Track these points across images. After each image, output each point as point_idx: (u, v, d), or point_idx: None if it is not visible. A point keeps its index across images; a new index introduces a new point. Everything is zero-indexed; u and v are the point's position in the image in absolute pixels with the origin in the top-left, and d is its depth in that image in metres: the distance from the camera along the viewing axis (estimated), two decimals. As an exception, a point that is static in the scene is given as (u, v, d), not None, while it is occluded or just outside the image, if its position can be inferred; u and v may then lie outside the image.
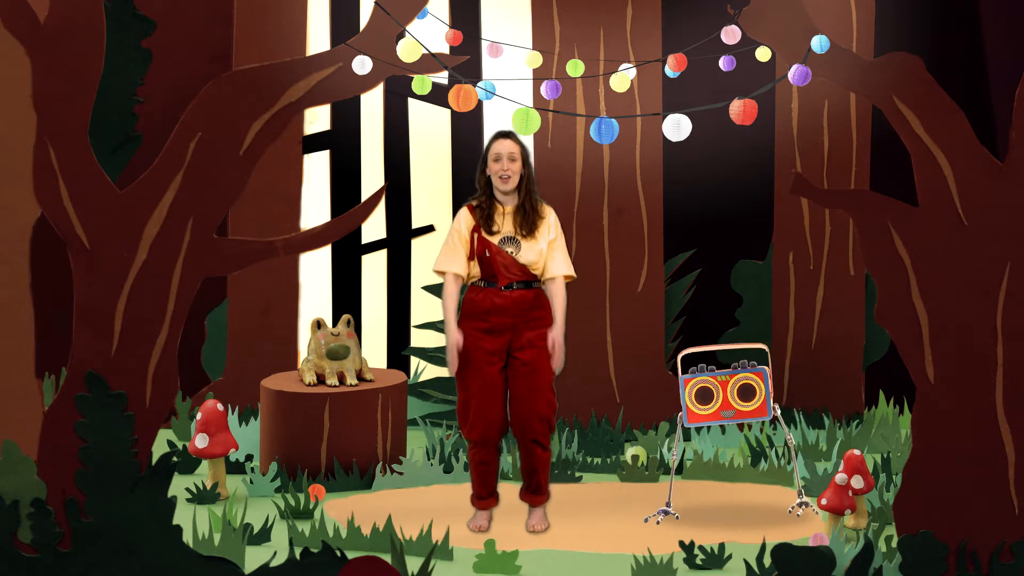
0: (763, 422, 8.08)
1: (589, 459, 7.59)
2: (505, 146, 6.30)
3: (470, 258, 6.30)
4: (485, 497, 6.48)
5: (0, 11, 5.11)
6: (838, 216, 8.27)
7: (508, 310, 6.27)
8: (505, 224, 6.32)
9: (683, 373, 6.73)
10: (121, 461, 5.24)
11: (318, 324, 7.45)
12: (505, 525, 6.50)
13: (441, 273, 6.36)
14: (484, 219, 6.32)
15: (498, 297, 6.28)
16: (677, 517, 6.59)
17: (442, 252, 6.35)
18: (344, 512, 6.66)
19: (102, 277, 5.22)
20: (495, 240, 6.29)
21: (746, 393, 6.68)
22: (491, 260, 6.27)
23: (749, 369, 6.67)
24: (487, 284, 6.30)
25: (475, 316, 6.30)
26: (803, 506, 6.66)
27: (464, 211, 6.38)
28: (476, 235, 6.30)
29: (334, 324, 7.97)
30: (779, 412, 6.73)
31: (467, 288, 6.39)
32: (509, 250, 6.27)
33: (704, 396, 6.69)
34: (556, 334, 6.32)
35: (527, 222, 6.30)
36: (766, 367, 6.69)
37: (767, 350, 6.92)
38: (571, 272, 6.37)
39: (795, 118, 8.29)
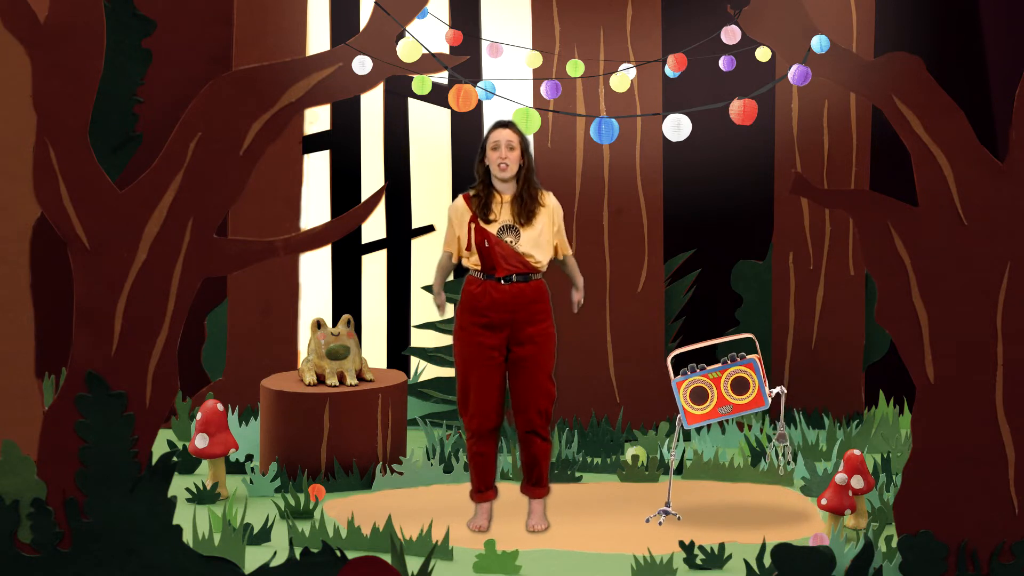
0: (763, 421, 8.08)
1: (589, 459, 7.59)
2: (504, 135, 6.29)
3: (468, 248, 6.30)
4: (483, 490, 6.48)
5: (0, 11, 5.12)
6: (838, 216, 8.27)
7: (507, 305, 6.27)
8: (503, 213, 6.31)
9: (675, 375, 6.71)
10: (121, 461, 5.24)
11: (318, 324, 7.45)
12: (505, 525, 6.50)
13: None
14: (481, 208, 6.31)
15: (496, 292, 6.28)
16: (679, 518, 6.59)
17: (446, 234, 6.43)
18: (344, 512, 6.66)
19: (102, 277, 5.22)
20: (493, 229, 6.29)
21: (739, 386, 6.67)
22: (490, 251, 6.26)
23: (739, 362, 6.65)
24: (486, 276, 6.30)
25: (474, 311, 6.30)
26: (782, 439, 6.69)
27: (459, 201, 6.37)
28: (474, 225, 6.30)
29: (334, 324, 7.97)
30: (775, 392, 6.70)
31: (465, 279, 6.39)
32: (508, 239, 6.27)
33: (699, 396, 6.68)
34: (580, 295, 6.59)
35: (525, 210, 6.30)
36: (756, 356, 6.67)
37: (754, 338, 6.90)
38: (570, 251, 6.53)
39: (795, 118, 8.29)
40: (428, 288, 8.58)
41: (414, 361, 8.86)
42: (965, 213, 5.26)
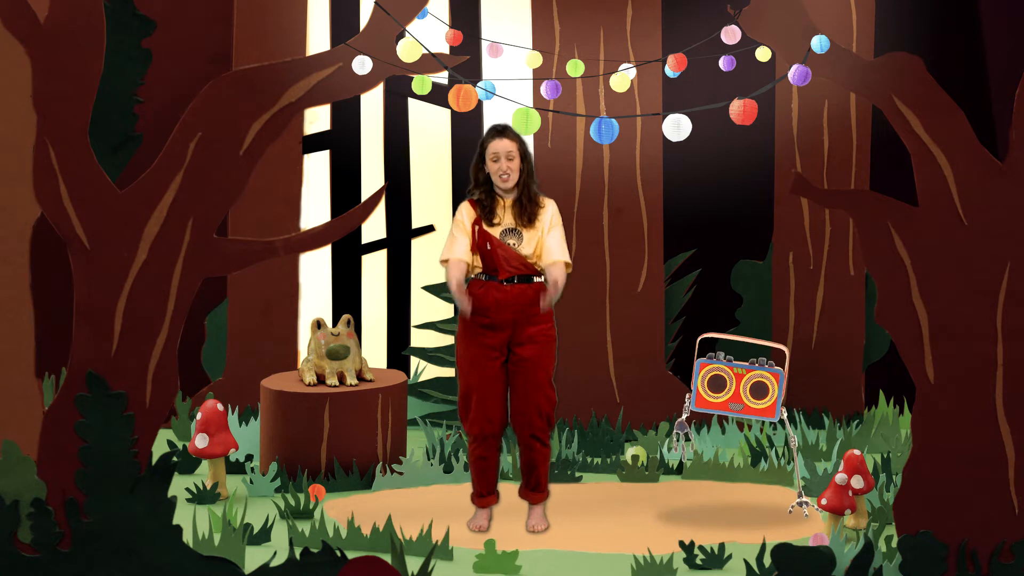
0: (763, 422, 8.08)
1: (589, 459, 7.59)
2: (502, 146, 6.29)
3: (472, 250, 6.31)
4: (485, 495, 6.49)
5: (0, 11, 5.12)
6: (838, 216, 8.28)
7: (509, 306, 6.27)
8: (506, 216, 6.32)
9: (699, 356, 6.71)
10: (121, 461, 5.24)
11: (318, 324, 7.45)
12: (505, 525, 6.50)
13: (445, 262, 6.33)
14: (485, 212, 6.32)
15: (499, 292, 6.28)
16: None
17: (446, 243, 6.36)
18: (344, 512, 6.66)
19: (102, 277, 5.22)
20: (496, 232, 6.29)
21: (758, 391, 6.68)
22: (492, 253, 6.27)
23: (767, 368, 6.66)
24: (488, 278, 6.30)
25: (476, 311, 6.30)
26: (803, 505, 6.66)
27: (466, 204, 6.38)
28: (477, 228, 6.31)
29: (334, 324, 7.97)
30: (786, 415, 6.73)
31: (468, 282, 6.39)
32: (511, 242, 6.27)
33: (717, 384, 6.68)
34: (548, 299, 6.17)
35: (526, 212, 6.30)
36: (782, 369, 6.69)
37: (786, 351, 6.90)
38: (567, 259, 6.29)
39: (795, 118, 8.29)
40: (429, 288, 8.59)
41: (414, 361, 8.86)
42: (965, 213, 5.26)
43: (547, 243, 6.29)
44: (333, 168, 8.83)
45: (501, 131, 6.31)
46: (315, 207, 8.75)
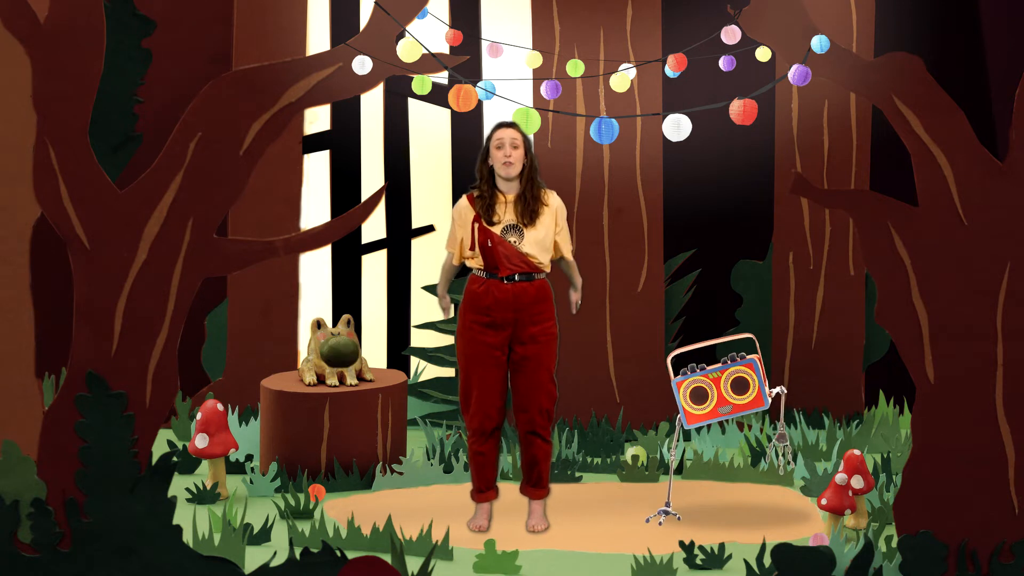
0: (763, 421, 8.08)
1: (589, 459, 7.59)
2: (507, 134, 6.28)
3: (471, 248, 6.31)
4: (484, 490, 6.49)
5: (0, 11, 5.12)
6: (838, 216, 8.28)
7: (509, 304, 6.27)
8: (507, 213, 6.30)
9: (675, 375, 6.72)
10: (121, 461, 5.24)
11: (318, 324, 7.45)
12: (505, 525, 6.50)
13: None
14: (485, 209, 6.31)
15: (499, 291, 6.28)
16: (679, 518, 6.59)
17: (449, 233, 6.45)
18: (344, 512, 6.66)
19: (102, 277, 5.22)
20: (497, 230, 6.28)
21: (739, 386, 6.67)
22: (493, 251, 6.26)
23: (739, 362, 6.66)
24: (488, 275, 6.30)
25: (477, 310, 6.30)
26: (782, 439, 6.73)
27: (464, 201, 6.37)
28: (477, 225, 6.30)
29: (334, 324, 7.97)
30: (775, 392, 6.72)
31: (468, 278, 6.39)
32: (512, 239, 6.26)
33: (699, 396, 6.68)
34: (578, 296, 6.61)
35: (528, 210, 6.29)
36: (756, 356, 6.67)
37: (754, 338, 6.91)
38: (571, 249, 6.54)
39: (795, 118, 8.29)
40: (429, 288, 8.59)
41: (414, 361, 8.86)
42: (965, 213, 5.26)
43: (560, 244, 6.40)
44: (333, 168, 8.83)
45: (507, 124, 6.31)
46: (315, 207, 8.75)
